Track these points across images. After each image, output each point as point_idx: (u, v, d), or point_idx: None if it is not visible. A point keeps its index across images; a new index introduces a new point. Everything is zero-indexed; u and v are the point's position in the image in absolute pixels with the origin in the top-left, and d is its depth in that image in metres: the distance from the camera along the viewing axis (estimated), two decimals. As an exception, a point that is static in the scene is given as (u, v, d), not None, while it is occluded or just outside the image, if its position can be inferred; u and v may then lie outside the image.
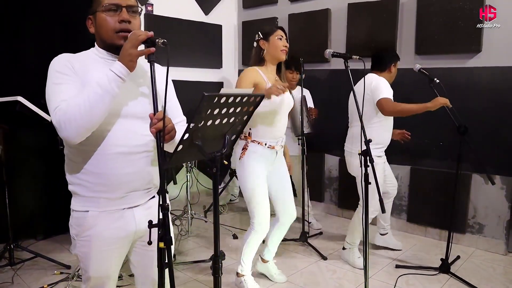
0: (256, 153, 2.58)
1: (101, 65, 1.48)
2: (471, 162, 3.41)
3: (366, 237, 2.28)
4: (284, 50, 2.57)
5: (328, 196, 4.63)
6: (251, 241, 2.69)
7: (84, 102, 1.31)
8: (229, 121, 1.43)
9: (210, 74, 5.17)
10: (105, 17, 1.45)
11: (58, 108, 1.33)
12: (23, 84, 3.22)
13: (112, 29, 1.45)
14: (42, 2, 3.58)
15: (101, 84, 1.32)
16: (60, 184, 1.55)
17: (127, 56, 1.34)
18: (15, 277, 2.95)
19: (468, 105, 3.45)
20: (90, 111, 1.31)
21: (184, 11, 4.82)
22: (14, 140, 3.17)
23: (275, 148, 2.63)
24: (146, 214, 1.57)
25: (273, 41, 2.57)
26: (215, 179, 1.45)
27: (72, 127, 1.31)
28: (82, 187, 1.49)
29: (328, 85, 4.39)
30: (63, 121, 1.31)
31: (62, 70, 1.41)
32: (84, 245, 1.51)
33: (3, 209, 3.04)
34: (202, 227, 4.10)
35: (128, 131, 1.47)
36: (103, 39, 1.49)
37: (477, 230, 3.60)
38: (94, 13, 1.49)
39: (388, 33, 3.94)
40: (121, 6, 1.45)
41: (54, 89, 1.39)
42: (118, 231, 1.53)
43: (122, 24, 1.45)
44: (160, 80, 1.47)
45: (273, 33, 2.59)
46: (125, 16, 1.45)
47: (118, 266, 1.63)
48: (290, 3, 4.79)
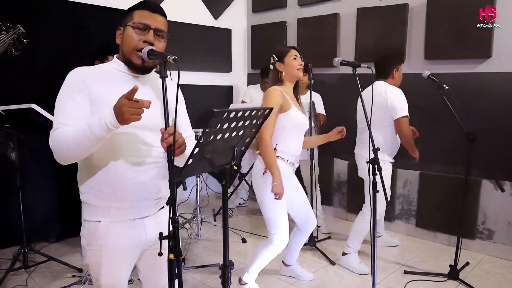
0: (279, 168, 2.57)
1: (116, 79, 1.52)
2: (480, 168, 3.40)
3: (374, 243, 2.29)
4: (300, 68, 2.63)
5: (337, 200, 4.64)
6: (266, 253, 2.69)
7: (73, 140, 1.37)
8: (238, 134, 1.46)
9: (220, 78, 5.22)
10: (131, 33, 1.50)
11: (54, 133, 1.41)
12: (37, 92, 3.30)
13: (134, 46, 1.49)
14: (54, 11, 3.66)
15: (92, 129, 1.34)
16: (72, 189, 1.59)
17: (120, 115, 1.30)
18: (29, 279, 3.01)
19: (478, 111, 3.44)
20: (76, 149, 1.39)
21: (193, 16, 4.87)
22: (28, 146, 3.23)
23: (294, 165, 2.71)
24: (156, 224, 1.61)
25: (288, 61, 2.63)
26: (225, 191, 1.48)
27: (60, 155, 1.42)
28: (93, 196, 1.53)
29: (337, 90, 4.39)
30: (54, 147, 1.41)
31: (72, 88, 1.46)
32: (95, 254, 1.55)
33: (17, 213, 3.10)
34: (211, 231, 4.14)
35: (139, 142, 1.51)
36: (123, 52, 1.54)
37: (486, 236, 3.59)
38: (124, 25, 1.54)
39: (397, 38, 3.94)
40: (149, 27, 1.50)
41: (60, 105, 1.46)
42: (129, 241, 1.57)
43: (145, 44, 1.48)
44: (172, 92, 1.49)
45: (287, 54, 2.64)
46: (150, 38, 1.49)
47: (128, 274, 1.67)
48: (299, 7, 4.81)
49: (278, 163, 2.55)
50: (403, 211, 4.06)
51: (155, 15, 1.54)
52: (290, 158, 2.65)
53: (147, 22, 1.50)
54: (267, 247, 2.66)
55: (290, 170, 2.69)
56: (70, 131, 1.39)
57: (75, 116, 1.43)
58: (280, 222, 2.61)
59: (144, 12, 1.52)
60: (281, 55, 2.66)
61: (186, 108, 1.77)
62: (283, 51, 2.66)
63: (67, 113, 1.43)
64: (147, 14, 1.52)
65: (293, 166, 2.70)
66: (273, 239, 2.63)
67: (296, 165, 2.73)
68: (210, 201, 4.76)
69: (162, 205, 1.67)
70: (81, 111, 1.44)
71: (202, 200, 4.53)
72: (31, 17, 3.49)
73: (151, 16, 1.52)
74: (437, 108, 3.29)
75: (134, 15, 1.52)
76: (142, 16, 1.51)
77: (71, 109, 1.44)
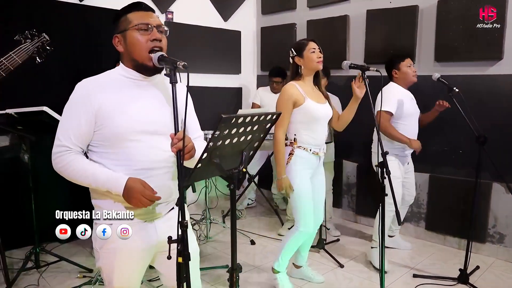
0: (302, 158, 2.71)
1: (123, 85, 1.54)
2: (491, 171, 3.37)
3: (383, 245, 2.30)
4: (319, 61, 2.66)
5: (346, 202, 4.63)
6: (293, 240, 2.81)
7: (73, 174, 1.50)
8: (246, 139, 1.48)
9: (229, 80, 5.23)
10: (137, 36, 1.50)
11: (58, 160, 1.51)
12: (49, 95, 3.35)
13: (146, 49, 1.49)
14: (66, 14, 3.71)
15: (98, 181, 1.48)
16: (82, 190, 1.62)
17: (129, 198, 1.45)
18: (40, 279, 3.06)
19: (488, 113, 3.41)
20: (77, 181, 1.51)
21: (203, 18, 4.89)
22: (40, 148, 3.27)
23: (319, 154, 2.75)
24: (167, 226, 1.62)
25: (307, 55, 2.66)
26: (233, 196, 1.49)
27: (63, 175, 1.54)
28: (105, 200, 1.56)
29: (346, 92, 4.34)
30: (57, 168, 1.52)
31: (77, 102, 1.50)
32: (109, 257, 1.57)
33: (29, 213, 3.15)
34: (220, 232, 4.16)
35: (150, 147, 1.53)
36: (134, 58, 1.53)
37: (497, 240, 3.55)
38: (122, 31, 1.53)
39: (407, 40, 3.92)
40: (152, 25, 1.51)
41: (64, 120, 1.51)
42: (141, 243, 1.59)
43: (154, 42, 1.49)
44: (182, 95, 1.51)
45: (305, 48, 2.66)
46: (157, 35, 1.51)
47: (141, 276, 1.69)
48: (308, 9, 4.81)
49: (300, 153, 2.69)
50: (412, 214, 4.04)
51: (149, 13, 1.55)
52: (312, 148, 2.71)
53: (148, 21, 1.51)
54: (294, 233, 2.79)
55: (315, 159, 2.75)
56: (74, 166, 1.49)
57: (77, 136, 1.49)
58: (304, 209, 2.73)
59: (139, 13, 1.53)
60: (299, 49, 2.68)
61: (196, 109, 1.79)
62: (301, 45, 2.69)
63: (70, 133, 1.48)
64: (143, 14, 1.54)
65: (317, 155, 2.74)
66: (299, 226, 2.75)
67: (321, 154, 2.77)
68: (219, 202, 4.78)
69: (172, 206, 1.68)
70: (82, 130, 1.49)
71: (211, 202, 4.55)
72: (44, 20, 3.54)
73: (147, 15, 1.54)
74: (448, 110, 3.27)
75: (131, 18, 1.52)
76: (139, 17, 1.52)
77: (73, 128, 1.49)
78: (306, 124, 2.67)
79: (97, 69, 1.64)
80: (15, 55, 2.33)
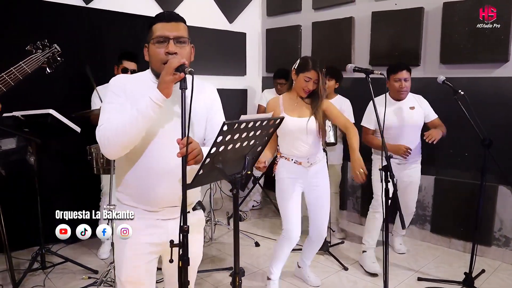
0: (284, 167, 2.78)
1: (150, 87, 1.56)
2: (496, 174, 3.35)
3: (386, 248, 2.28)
4: (306, 91, 2.67)
5: (351, 204, 4.62)
6: (279, 247, 2.85)
7: (121, 124, 1.45)
8: (249, 144, 1.48)
9: (234, 81, 5.25)
10: (155, 49, 1.56)
11: (102, 127, 1.50)
12: (55, 98, 3.38)
13: (160, 61, 1.54)
14: (71, 17, 3.74)
15: (139, 109, 1.44)
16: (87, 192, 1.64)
17: (163, 83, 1.43)
18: (46, 280, 3.08)
19: (494, 116, 3.39)
20: (125, 132, 1.45)
21: (208, 20, 4.91)
22: (45, 150, 3.31)
23: (302, 165, 2.74)
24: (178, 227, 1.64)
25: (300, 78, 2.66)
26: (235, 200, 1.50)
27: (110, 145, 1.47)
28: (125, 196, 1.64)
29: (351, 94, 4.36)
30: (103, 139, 1.48)
31: (115, 91, 1.56)
32: (120, 249, 1.64)
33: (35, 215, 3.18)
34: (225, 234, 4.17)
35: (162, 151, 1.56)
36: (153, 68, 1.62)
37: (503, 243, 3.53)
38: (148, 42, 1.60)
39: (412, 42, 3.91)
40: (168, 38, 1.54)
41: (105, 107, 1.56)
42: (152, 238, 1.63)
43: (168, 56, 1.53)
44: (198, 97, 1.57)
45: (304, 72, 2.64)
46: (171, 48, 1.54)
47: (150, 272, 1.71)
48: (314, 11, 4.81)
49: (282, 162, 2.79)
50: (417, 216, 4.02)
51: (170, 24, 1.57)
52: (294, 158, 2.75)
53: (164, 34, 1.55)
54: (279, 240, 2.85)
55: (299, 168, 2.75)
56: (116, 120, 1.47)
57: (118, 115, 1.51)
58: (288, 216, 2.77)
59: (159, 25, 1.57)
60: (300, 68, 2.67)
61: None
62: (304, 67, 2.65)
63: (111, 111, 1.53)
64: (163, 25, 1.56)
65: (300, 165, 2.74)
66: (282, 232, 2.80)
67: (306, 165, 2.75)
68: (224, 203, 4.79)
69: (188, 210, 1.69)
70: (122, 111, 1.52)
71: (216, 203, 4.57)
72: (49, 23, 3.58)
73: (167, 26, 1.56)
74: (453, 112, 3.24)
75: (154, 30, 1.57)
76: (158, 29, 1.56)
77: (115, 107, 1.53)
78: (282, 136, 2.76)
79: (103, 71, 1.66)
80: (25, 65, 2.34)
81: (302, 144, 2.72)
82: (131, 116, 1.44)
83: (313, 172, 2.78)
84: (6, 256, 2.74)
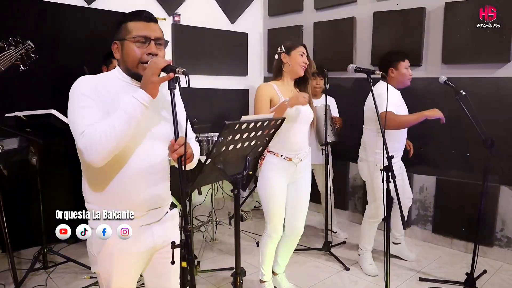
0: (272, 163, 2.64)
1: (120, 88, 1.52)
2: (498, 174, 3.34)
3: (388, 249, 2.28)
4: (303, 66, 2.64)
5: (352, 205, 4.62)
6: (265, 246, 2.79)
7: (110, 128, 1.35)
8: (250, 144, 1.49)
9: (236, 81, 5.25)
10: (133, 48, 1.48)
11: (84, 133, 1.36)
12: (56, 98, 3.37)
13: (138, 60, 1.48)
14: (72, 17, 3.76)
15: (127, 111, 1.36)
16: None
17: (150, 84, 1.37)
18: (48, 280, 3.09)
19: (496, 116, 3.39)
20: (115, 137, 1.35)
21: (210, 20, 4.91)
22: (47, 150, 3.31)
23: (293, 160, 2.64)
24: (162, 228, 1.64)
25: (294, 56, 2.63)
26: (237, 201, 1.50)
27: (98, 151, 1.35)
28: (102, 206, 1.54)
29: (353, 94, 4.37)
30: (89, 146, 1.35)
31: (87, 93, 1.43)
32: (106, 261, 1.56)
33: (37, 215, 3.19)
34: (227, 234, 4.17)
35: (148, 152, 1.52)
36: (127, 67, 1.53)
37: (505, 243, 3.52)
38: (121, 39, 1.52)
39: (414, 42, 3.90)
40: (150, 38, 1.49)
41: (80, 112, 1.41)
42: (139, 246, 1.58)
43: (149, 56, 1.47)
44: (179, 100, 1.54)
45: (295, 49, 2.65)
46: (154, 49, 1.48)
47: (136, 280, 1.69)
48: (315, 11, 4.81)
49: (270, 158, 2.65)
50: (419, 217, 4.02)
51: (150, 24, 1.52)
52: (285, 153, 2.62)
53: (146, 34, 1.48)
54: (264, 239, 2.79)
55: (288, 165, 2.65)
56: (102, 125, 1.36)
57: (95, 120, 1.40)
58: (274, 215, 2.71)
59: (139, 24, 1.50)
60: (289, 48, 2.67)
61: (203, 111, 1.81)
62: (292, 45, 2.68)
63: (89, 116, 1.40)
64: (143, 25, 1.50)
65: (290, 161, 2.64)
66: (266, 229, 2.76)
67: (296, 160, 2.65)
68: (226, 203, 4.79)
69: (166, 211, 1.68)
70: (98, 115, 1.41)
71: (218, 203, 4.57)
72: (51, 24, 3.59)
73: (147, 26, 1.50)
74: (455, 113, 3.23)
75: (130, 28, 1.49)
76: (139, 28, 1.49)
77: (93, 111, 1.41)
78: None
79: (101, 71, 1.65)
80: None
81: (301, 136, 2.67)
82: (119, 119, 1.35)
83: (300, 167, 2.71)
84: (8, 255, 2.75)
